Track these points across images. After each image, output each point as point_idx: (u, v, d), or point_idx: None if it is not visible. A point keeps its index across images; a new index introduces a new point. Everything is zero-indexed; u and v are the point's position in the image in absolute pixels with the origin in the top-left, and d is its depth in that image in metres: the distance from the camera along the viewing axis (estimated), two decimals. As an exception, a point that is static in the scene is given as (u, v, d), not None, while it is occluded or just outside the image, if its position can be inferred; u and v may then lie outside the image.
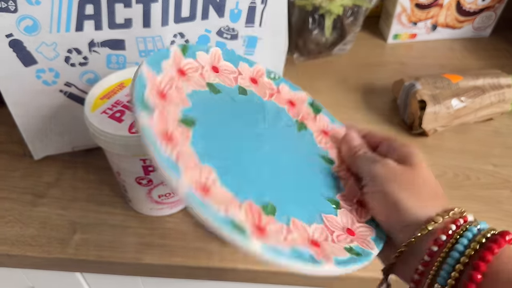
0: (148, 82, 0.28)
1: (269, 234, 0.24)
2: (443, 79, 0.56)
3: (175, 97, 0.29)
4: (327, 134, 0.37)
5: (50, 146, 0.51)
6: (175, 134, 0.27)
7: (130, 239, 0.45)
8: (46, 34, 0.41)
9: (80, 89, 0.46)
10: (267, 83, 0.37)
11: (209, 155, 0.27)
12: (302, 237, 0.26)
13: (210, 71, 0.34)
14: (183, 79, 0.31)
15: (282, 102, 0.36)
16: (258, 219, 0.25)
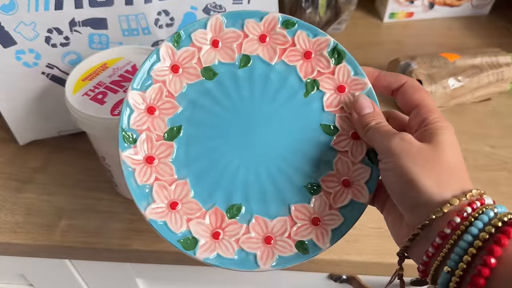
0: (134, 108, 0.30)
1: (222, 239, 0.29)
2: (440, 58, 0.54)
3: (164, 105, 0.30)
4: (344, 91, 0.31)
5: (35, 131, 0.49)
6: (156, 154, 0.30)
7: (118, 225, 0.44)
8: (24, 13, 0.39)
9: (63, 71, 0.44)
10: (280, 36, 0.31)
11: (187, 163, 0.30)
12: (258, 235, 0.29)
13: (210, 49, 0.31)
14: (177, 75, 0.31)
15: (296, 56, 0.31)
16: (219, 224, 0.29)
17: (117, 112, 0.37)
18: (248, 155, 0.30)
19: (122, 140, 0.30)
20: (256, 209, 0.30)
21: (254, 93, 0.31)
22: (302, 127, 0.31)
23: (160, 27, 0.43)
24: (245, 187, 0.30)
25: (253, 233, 0.30)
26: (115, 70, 0.41)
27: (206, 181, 0.30)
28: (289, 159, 0.30)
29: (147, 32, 0.43)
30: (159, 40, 0.44)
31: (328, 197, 0.30)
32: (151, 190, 0.30)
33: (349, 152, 0.30)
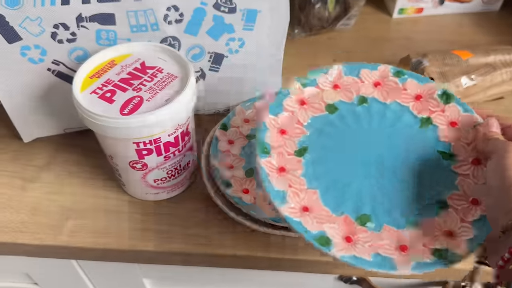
0: (269, 127, 0.35)
1: (355, 243, 0.31)
2: (452, 56, 0.53)
3: (294, 130, 0.36)
4: (456, 125, 0.36)
5: (40, 128, 0.48)
6: (287, 167, 0.34)
7: (125, 225, 0.43)
8: (30, 8, 0.38)
9: (69, 68, 0.43)
10: (392, 82, 0.39)
11: (316, 177, 0.34)
12: (390, 242, 0.31)
13: (331, 90, 0.38)
14: (304, 108, 0.37)
15: (408, 99, 0.38)
16: (349, 230, 0.32)
17: (127, 112, 0.36)
18: (369, 172, 0.35)
19: (260, 150, 0.34)
20: (384, 220, 0.33)
21: (372, 124, 0.37)
22: (417, 151, 0.35)
23: (169, 23, 0.42)
24: (372, 199, 0.33)
25: (385, 241, 0.32)
26: (123, 68, 0.40)
27: (334, 193, 0.34)
28: (406, 177, 0.34)
29: (155, 28, 0.41)
30: (168, 37, 0.43)
31: (458, 213, 0.33)
32: (285, 194, 0.33)
33: (470, 175, 0.34)
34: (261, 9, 0.44)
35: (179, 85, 0.38)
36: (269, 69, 0.50)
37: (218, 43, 0.45)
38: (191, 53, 0.45)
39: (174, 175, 0.43)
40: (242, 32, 0.45)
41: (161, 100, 0.37)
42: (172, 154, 0.41)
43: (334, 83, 0.39)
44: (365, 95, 0.38)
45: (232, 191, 0.42)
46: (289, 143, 0.36)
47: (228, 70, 0.48)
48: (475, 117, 0.36)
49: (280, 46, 0.48)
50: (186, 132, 0.41)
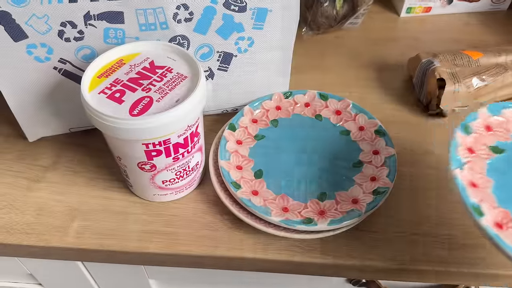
0: (460, 143, 0.37)
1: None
2: (463, 56, 0.52)
3: (482, 151, 0.38)
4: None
5: (45, 127, 0.48)
6: (479, 182, 0.36)
7: (133, 227, 0.43)
8: (37, 6, 0.37)
9: (75, 66, 0.42)
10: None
11: (506, 200, 0.35)
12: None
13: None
14: (490, 133, 0.40)
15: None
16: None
17: (136, 112, 0.35)
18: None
19: (454, 161, 0.36)
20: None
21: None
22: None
23: (179, 21, 0.41)
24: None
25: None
26: (132, 67, 0.39)
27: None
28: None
29: (165, 27, 0.41)
30: (177, 36, 0.42)
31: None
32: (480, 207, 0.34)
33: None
34: (272, 8, 0.43)
35: (189, 85, 0.38)
36: (278, 68, 0.49)
37: (227, 42, 0.44)
38: (199, 52, 0.44)
39: (183, 176, 0.42)
40: (251, 31, 0.44)
41: (171, 101, 0.36)
42: (181, 155, 0.40)
43: None
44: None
45: (241, 193, 0.42)
46: (479, 161, 0.38)
47: (237, 70, 0.47)
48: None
49: (289, 46, 0.48)
50: (195, 132, 0.40)
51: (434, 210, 0.44)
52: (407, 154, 0.49)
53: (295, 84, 0.56)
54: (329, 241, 0.42)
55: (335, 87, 0.57)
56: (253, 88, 0.50)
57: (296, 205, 0.42)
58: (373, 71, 0.59)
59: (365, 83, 0.58)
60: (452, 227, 0.43)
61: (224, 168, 0.44)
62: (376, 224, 0.43)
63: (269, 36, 0.45)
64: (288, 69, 0.50)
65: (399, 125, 0.52)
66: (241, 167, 0.45)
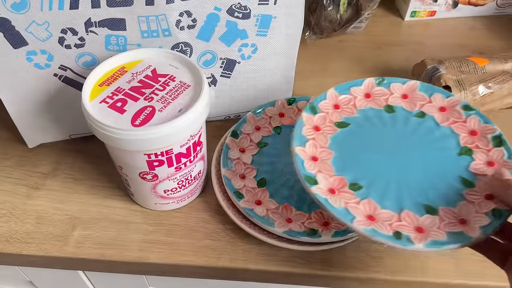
0: (306, 123, 0.39)
1: (377, 221, 0.34)
2: (469, 63, 0.52)
3: (327, 128, 0.40)
4: (492, 165, 0.37)
5: (45, 134, 0.47)
6: (320, 156, 0.38)
7: (134, 236, 0.42)
8: (37, 12, 0.37)
9: (76, 73, 0.42)
10: (419, 96, 0.42)
11: (344, 168, 0.38)
12: (409, 224, 0.34)
13: (363, 99, 0.42)
14: (337, 111, 0.41)
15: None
16: (372, 211, 0.35)
17: (138, 123, 0.35)
18: (395, 170, 0.38)
19: (296, 140, 0.38)
20: (406, 206, 0.35)
21: (396, 129, 0.40)
22: (442, 168, 0.38)
23: (182, 28, 0.40)
24: (397, 190, 0.36)
25: (404, 222, 0.34)
26: (134, 75, 0.38)
27: (362, 182, 0.37)
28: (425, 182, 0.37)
29: (167, 34, 0.40)
30: (179, 43, 0.41)
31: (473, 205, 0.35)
32: (315, 177, 0.36)
33: (476, 203, 0.35)
34: (276, 15, 0.42)
35: (192, 95, 0.37)
36: (281, 75, 0.49)
37: (231, 49, 0.44)
38: (202, 59, 0.44)
39: (185, 185, 0.42)
40: (255, 38, 0.44)
41: (174, 111, 0.36)
42: (184, 165, 0.39)
43: (366, 92, 0.43)
44: (393, 104, 0.42)
45: (243, 202, 0.41)
46: (322, 139, 0.39)
47: (240, 76, 0.46)
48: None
49: (293, 52, 0.47)
50: (198, 142, 0.39)
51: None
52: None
53: (298, 90, 0.55)
54: (334, 252, 0.41)
55: (338, 93, 0.56)
56: (256, 94, 0.49)
57: (299, 215, 0.41)
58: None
59: (369, 88, 0.57)
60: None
61: (226, 177, 0.43)
62: (380, 234, 0.42)
63: (273, 42, 0.45)
64: (291, 75, 0.49)
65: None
66: (244, 175, 0.44)
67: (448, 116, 0.41)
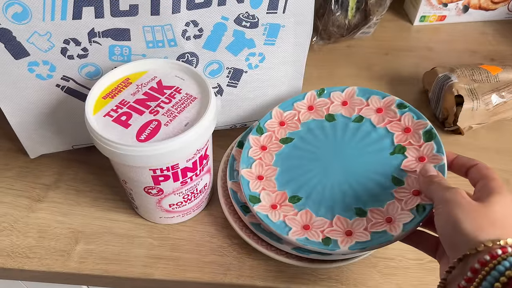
0: (252, 144, 0.43)
1: (311, 230, 0.37)
2: (482, 71, 0.50)
3: (273, 146, 0.43)
4: (423, 160, 0.39)
5: (47, 145, 0.46)
6: (266, 174, 0.41)
7: (138, 251, 0.41)
8: (39, 23, 0.35)
9: (79, 84, 0.41)
10: (357, 100, 0.44)
11: (286, 182, 0.40)
12: (339, 228, 0.37)
13: (306, 112, 0.45)
14: (283, 128, 0.44)
15: (370, 112, 0.43)
16: (308, 220, 0.38)
17: (144, 138, 0.33)
18: (332, 178, 0.40)
19: (242, 163, 0.41)
20: (338, 212, 0.38)
21: (336, 136, 0.42)
22: (376, 169, 0.39)
23: (188, 38, 0.39)
24: (332, 197, 0.39)
25: (335, 227, 0.37)
26: (138, 87, 0.37)
27: (301, 193, 0.39)
28: (357, 186, 0.39)
29: (173, 44, 0.39)
30: (185, 53, 0.40)
31: (399, 203, 0.37)
32: (259, 195, 0.39)
33: (403, 201, 0.37)
34: (285, 23, 0.41)
35: (199, 107, 0.36)
36: (289, 84, 0.47)
37: (238, 58, 0.42)
38: (209, 69, 0.42)
39: (190, 199, 0.41)
40: (263, 47, 0.42)
41: (180, 125, 0.35)
42: (189, 179, 0.38)
43: (309, 105, 0.45)
44: (333, 112, 0.44)
45: (250, 217, 0.40)
46: (268, 157, 0.42)
47: (246, 86, 0.45)
48: (441, 158, 0.38)
49: (301, 61, 0.46)
50: (204, 155, 0.38)
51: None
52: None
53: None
54: (343, 269, 0.40)
55: (347, 101, 0.55)
56: (263, 103, 0.48)
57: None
58: (386, 83, 0.57)
59: (377, 96, 0.56)
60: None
61: (233, 189, 0.42)
62: (392, 250, 0.41)
63: (281, 51, 0.43)
64: (299, 84, 0.48)
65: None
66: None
67: (384, 117, 0.42)
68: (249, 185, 0.40)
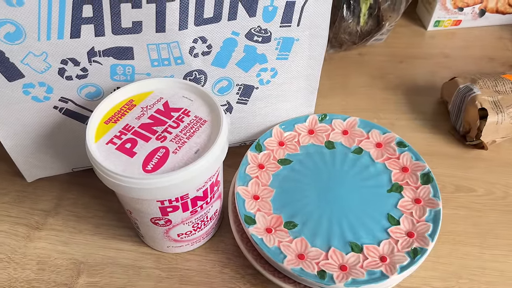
0: (250, 161, 0.42)
1: (305, 260, 0.36)
2: (505, 81, 0.47)
3: (270, 166, 0.42)
4: (419, 203, 0.39)
5: (45, 168, 0.43)
6: (262, 194, 0.40)
7: (146, 284, 0.38)
8: (34, 42, 0.32)
9: (79, 105, 0.38)
10: (358, 132, 0.44)
11: (282, 205, 0.39)
12: (335, 262, 0.36)
13: (306, 135, 0.44)
14: (282, 148, 0.43)
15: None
16: (303, 249, 0.36)
17: (150, 168, 0.31)
18: (328, 207, 0.39)
19: (239, 180, 0.40)
20: (334, 244, 0.37)
21: (334, 165, 0.42)
22: (373, 205, 0.39)
23: (195, 55, 0.36)
24: (328, 228, 0.38)
25: (331, 260, 0.36)
26: (143, 110, 0.34)
27: (297, 219, 0.38)
28: (353, 220, 0.38)
29: (180, 62, 0.36)
30: (193, 71, 0.37)
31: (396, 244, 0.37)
32: (254, 216, 0.38)
33: (399, 242, 0.37)
34: (299, 37, 0.38)
35: (209, 131, 0.33)
36: (302, 99, 0.45)
37: (248, 74, 0.39)
38: (217, 86, 0.39)
39: (200, 227, 0.38)
40: (275, 61, 0.39)
41: (190, 152, 0.32)
42: (200, 208, 0.35)
43: (310, 129, 0.45)
44: (333, 140, 0.44)
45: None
46: (265, 176, 0.41)
47: (257, 103, 0.42)
48: (437, 203, 0.38)
49: (316, 75, 0.43)
50: (215, 182, 0.35)
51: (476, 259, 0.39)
52: (446, 191, 0.45)
53: (316, 109, 0.51)
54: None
55: (361, 113, 0.52)
56: (275, 119, 0.45)
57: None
58: (402, 93, 0.55)
59: (393, 107, 0.53)
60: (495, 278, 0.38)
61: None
62: (415, 278, 0.38)
63: (294, 66, 0.41)
64: (313, 99, 0.45)
65: (436, 158, 0.47)
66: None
67: (383, 152, 0.43)
68: (245, 204, 0.39)
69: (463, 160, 0.47)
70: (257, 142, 0.43)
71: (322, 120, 0.45)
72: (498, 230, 0.42)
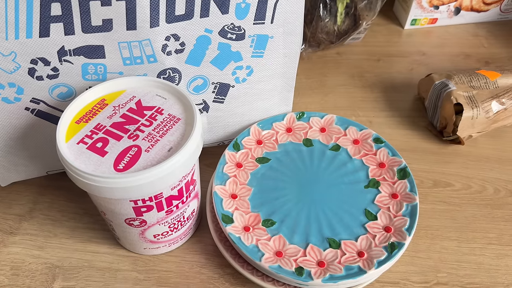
0: (228, 160, 0.41)
1: (283, 257, 0.36)
2: (480, 77, 0.48)
3: (248, 164, 0.42)
4: (396, 198, 0.39)
5: (19, 172, 0.42)
6: (239, 192, 0.40)
7: (122, 286, 0.37)
8: (1, 42, 0.32)
9: (51, 106, 0.37)
10: (335, 129, 0.44)
11: (260, 203, 0.39)
12: (312, 258, 0.36)
13: (284, 133, 0.44)
14: (260, 146, 0.43)
15: (347, 142, 0.43)
16: (281, 247, 0.36)
17: (122, 167, 0.30)
18: (306, 204, 0.39)
19: (216, 179, 0.40)
20: (312, 241, 0.37)
21: (321, 165, 0.42)
22: (350, 201, 0.39)
23: (169, 53, 0.36)
24: (306, 225, 0.38)
25: (308, 256, 0.36)
26: (116, 108, 0.34)
27: (275, 217, 0.38)
28: (331, 216, 0.38)
29: (153, 60, 0.35)
30: (167, 69, 0.37)
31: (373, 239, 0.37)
32: (232, 215, 0.38)
33: (376, 237, 0.37)
34: (273, 34, 0.38)
35: (183, 129, 0.33)
36: (279, 97, 0.45)
37: (224, 72, 0.39)
38: (193, 84, 0.39)
39: (177, 227, 0.37)
40: (250, 59, 0.39)
41: (163, 150, 0.31)
42: (175, 207, 0.35)
43: (287, 127, 0.45)
44: (311, 137, 0.44)
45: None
46: (243, 175, 0.41)
47: (234, 101, 0.42)
48: (414, 198, 0.38)
49: (292, 73, 0.43)
50: (191, 180, 0.35)
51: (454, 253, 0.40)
52: (423, 186, 0.45)
53: (295, 108, 0.51)
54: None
55: (339, 111, 0.52)
56: (252, 118, 0.45)
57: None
58: (380, 91, 0.55)
59: (371, 104, 0.53)
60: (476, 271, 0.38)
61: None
62: (395, 273, 0.38)
63: (270, 64, 0.41)
64: (290, 97, 0.45)
65: (413, 153, 0.48)
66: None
67: (360, 149, 0.43)
68: (222, 203, 0.38)
69: (441, 156, 0.48)
70: (235, 141, 0.43)
71: (300, 118, 0.45)
72: (475, 224, 0.42)
